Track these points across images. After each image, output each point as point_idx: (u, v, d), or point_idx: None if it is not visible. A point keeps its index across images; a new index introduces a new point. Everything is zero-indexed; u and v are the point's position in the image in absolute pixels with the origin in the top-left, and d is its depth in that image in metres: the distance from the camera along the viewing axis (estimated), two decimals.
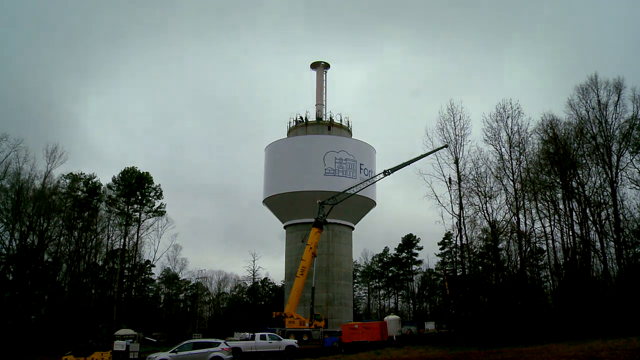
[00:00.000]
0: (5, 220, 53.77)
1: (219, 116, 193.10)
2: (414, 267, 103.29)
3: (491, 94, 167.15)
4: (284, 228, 74.77)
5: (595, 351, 23.18)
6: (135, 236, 71.94)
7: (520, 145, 42.14)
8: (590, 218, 40.12)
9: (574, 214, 41.55)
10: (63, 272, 63.25)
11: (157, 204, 73.28)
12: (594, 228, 39.98)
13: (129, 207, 71.34)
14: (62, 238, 61.22)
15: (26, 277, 54.47)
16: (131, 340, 44.28)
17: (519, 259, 40.97)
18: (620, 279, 37.78)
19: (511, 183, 41.51)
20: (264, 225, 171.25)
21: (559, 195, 43.11)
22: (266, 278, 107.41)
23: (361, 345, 39.73)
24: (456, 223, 41.58)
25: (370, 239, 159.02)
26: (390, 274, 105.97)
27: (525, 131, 42.09)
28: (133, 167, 73.64)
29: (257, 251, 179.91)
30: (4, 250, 55.25)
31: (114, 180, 72.89)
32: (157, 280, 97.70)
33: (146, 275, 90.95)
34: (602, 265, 39.27)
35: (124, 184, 71.46)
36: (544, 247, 45.68)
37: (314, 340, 52.83)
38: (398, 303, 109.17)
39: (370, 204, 73.36)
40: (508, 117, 42.10)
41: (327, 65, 79.45)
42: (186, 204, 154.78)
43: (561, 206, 42.78)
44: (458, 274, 48.19)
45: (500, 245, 42.28)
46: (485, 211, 41.00)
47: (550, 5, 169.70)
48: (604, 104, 40.89)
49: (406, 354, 32.86)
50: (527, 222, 42.02)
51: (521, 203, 41.54)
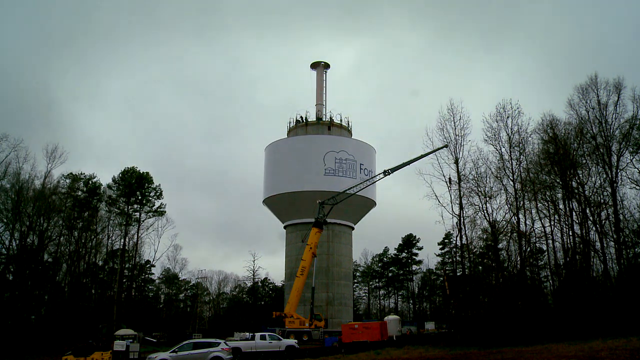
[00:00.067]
0: (5, 220, 53.80)
1: (219, 116, 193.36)
2: (414, 267, 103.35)
3: (491, 94, 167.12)
4: (284, 228, 74.75)
5: (595, 351, 23.17)
6: (135, 236, 72.08)
7: (520, 145, 42.14)
8: (590, 218, 40.10)
9: (574, 214, 41.55)
10: (63, 272, 63.24)
11: (157, 204, 73.42)
12: (594, 228, 39.98)
13: (129, 207, 71.34)
14: (62, 238, 61.24)
15: (26, 277, 54.44)
16: (131, 340, 44.26)
17: (519, 259, 40.96)
18: (620, 279, 37.76)
19: (511, 183, 41.50)
20: (264, 225, 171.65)
21: (559, 195, 43.11)
22: (266, 278, 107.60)
23: (361, 345, 39.70)
24: (456, 223, 41.61)
25: (370, 239, 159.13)
26: (390, 274, 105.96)
27: (525, 131, 42.14)
28: (133, 167, 73.72)
29: (257, 251, 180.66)
30: (4, 250, 55.28)
31: (114, 180, 72.97)
32: (157, 280, 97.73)
33: (146, 275, 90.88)
34: (602, 265, 39.27)
35: (124, 184, 71.44)
36: (544, 247, 45.70)
37: (314, 340, 52.80)
38: (398, 303, 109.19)
39: (370, 204, 73.34)
40: (508, 117, 42.13)
41: (327, 65, 79.41)
42: (186, 204, 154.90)
43: (561, 206, 42.79)
44: (458, 274, 48.16)
45: (500, 245, 42.29)
46: (485, 211, 41.03)
47: (551, 5, 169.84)
48: (604, 104, 40.90)
49: (406, 354, 32.85)
50: (527, 222, 42.05)
51: (521, 203, 41.54)
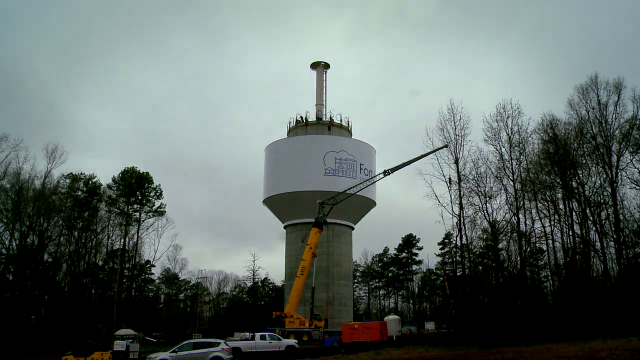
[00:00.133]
0: (5, 220, 53.82)
1: (219, 116, 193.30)
2: (414, 267, 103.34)
3: (491, 94, 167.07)
4: (284, 228, 74.75)
5: (595, 351, 23.17)
6: (135, 236, 72.06)
7: (520, 145, 42.15)
8: (590, 218, 40.11)
9: (574, 214, 41.56)
10: (63, 272, 63.23)
11: (157, 204, 73.40)
12: (594, 228, 39.99)
13: (129, 207, 71.32)
14: (62, 238, 61.24)
15: (26, 277, 54.45)
16: (131, 340, 44.27)
17: (519, 259, 40.95)
18: (620, 279, 37.77)
19: (511, 183, 41.50)
20: (264, 225, 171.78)
21: (559, 195, 43.13)
22: (266, 278, 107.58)
23: (361, 345, 39.71)
24: (456, 223, 41.60)
25: (370, 239, 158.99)
26: (390, 274, 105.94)
27: (525, 131, 42.14)
28: (133, 167, 73.68)
29: (257, 251, 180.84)
30: (4, 250, 55.30)
31: (114, 180, 72.92)
32: (157, 280, 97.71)
33: (146, 275, 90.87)
34: (602, 265, 39.28)
35: (124, 184, 71.41)
36: (544, 247, 45.71)
37: (314, 340, 52.80)
38: (398, 303, 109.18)
39: (370, 204, 73.33)
40: (508, 117, 42.11)
41: (327, 65, 79.40)
42: (186, 204, 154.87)
43: (561, 206, 42.81)
44: (458, 274, 48.16)
45: (500, 245, 42.28)
46: (485, 211, 41.02)
47: (551, 5, 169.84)
48: (604, 104, 40.93)
49: (406, 354, 32.85)
50: (527, 222, 42.05)
51: (521, 203, 41.54)
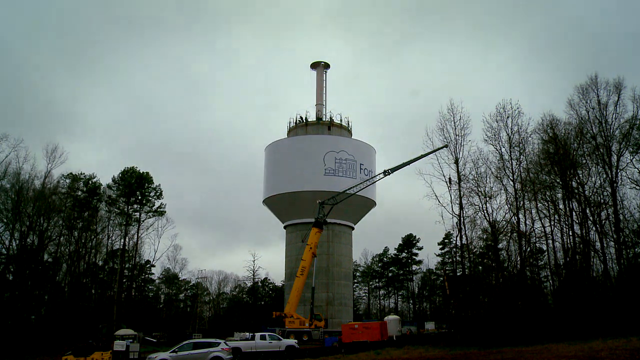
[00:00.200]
0: (5, 220, 53.81)
1: (219, 116, 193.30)
2: (414, 267, 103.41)
3: (491, 94, 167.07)
4: (284, 228, 74.75)
5: (595, 351, 23.17)
6: (135, 236, 72.06)
7: (520, 145, 42.14)
8: (590, 218, 40.11)
9: (574, 214, 41.56)
10: (63, 272, 63.24)
11: (157, 204, 73.40)
12: (594, 228, 40.00)
13: (129, 207, 71.32)
14: (62, 238, 61.23)
15: (26, 277, 54.44)
16: (131, 340, 44.27)
17: (519, 259, 40.95)
18: (620, 279, 37.77)
19: (511, 183, 41.50)
20: (264, 224, 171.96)
21: (559, 195, 43.14)
22: (266, 278, 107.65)
23: (361, 345, 39.71)
24: (456, 223, 41.60)
25: (370, 239, 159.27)
26: (390, 274, 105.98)
27: (525, 131, 42.15)
28: (133, 167, 73.65)
29: (257, 251, 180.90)
30: (4, 250, 55.29)
31: (114, 180, 72.92)
32: (157, 280, 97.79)
33: (146, 275, 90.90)
34: (602, 265, 39.29)
35: (124, 184, 71.41)
36: (544, 247, 45.72)
37: (314, 340, 52.80)
38: (398, 303, 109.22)
39: (370, 204, 73.34)
40: (508, 117, 42.13)
41: (327, 65, 79.41)
42: (186, 204, 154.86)
43: (561, 206, 42.81)
44: (458, 274, 48.16)
45: (500, 245, 42.28)
46: (485, 211, 41.02)
47: (551, 4, 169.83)
48: (604, 104, 40.95)
49: (406, 354, 32.85)
50: (527, 222, 42.06)
51: (521, 203, 41.54)
